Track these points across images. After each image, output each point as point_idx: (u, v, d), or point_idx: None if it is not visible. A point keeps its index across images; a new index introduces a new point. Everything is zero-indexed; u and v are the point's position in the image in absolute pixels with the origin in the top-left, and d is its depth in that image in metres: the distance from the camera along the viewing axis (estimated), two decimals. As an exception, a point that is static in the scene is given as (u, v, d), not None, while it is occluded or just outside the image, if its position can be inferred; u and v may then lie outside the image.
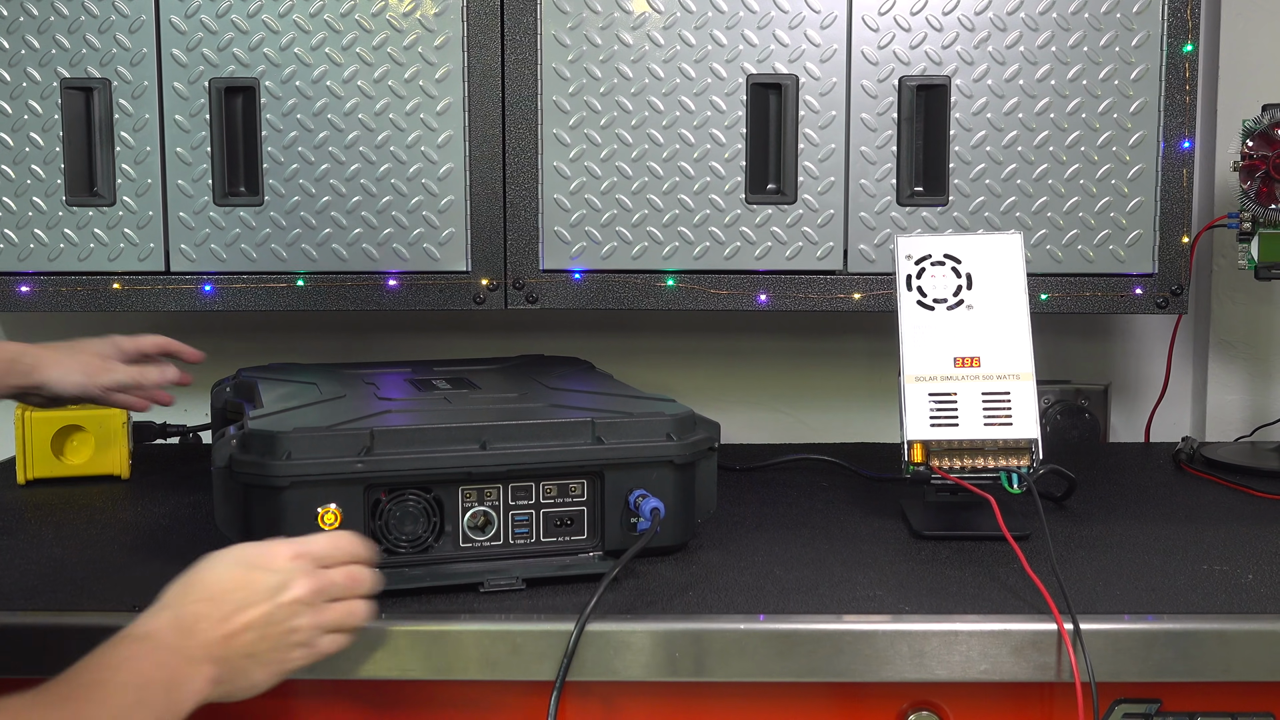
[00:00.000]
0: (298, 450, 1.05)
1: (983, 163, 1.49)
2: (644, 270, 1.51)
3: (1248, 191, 1.50)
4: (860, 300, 1.51)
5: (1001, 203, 1.49)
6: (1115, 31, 1.48)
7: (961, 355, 1.22)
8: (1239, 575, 1.13)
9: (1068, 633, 1.01)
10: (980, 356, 1.21)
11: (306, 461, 1.05)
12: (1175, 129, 1.48)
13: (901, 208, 1.50)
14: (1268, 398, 1.73)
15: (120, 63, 1.49)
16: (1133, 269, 1.50)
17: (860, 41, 1.48)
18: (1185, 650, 1.02)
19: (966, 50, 1.48)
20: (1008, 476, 1.20)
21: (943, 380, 1.20)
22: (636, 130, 1.49)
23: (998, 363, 1.21)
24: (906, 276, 1.24)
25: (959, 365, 1.21)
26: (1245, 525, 1.29)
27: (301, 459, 1.05)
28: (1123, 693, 1.06)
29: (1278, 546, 1.21)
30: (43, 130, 1.50)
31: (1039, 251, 1.50)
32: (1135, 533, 1.26)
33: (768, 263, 1.51)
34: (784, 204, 1.50)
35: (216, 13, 1.49)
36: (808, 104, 1.48)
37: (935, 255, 1.24)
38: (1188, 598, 1.07)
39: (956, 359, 1.21)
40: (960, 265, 1.24)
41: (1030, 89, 1.48)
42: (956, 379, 1.21)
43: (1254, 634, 1.02)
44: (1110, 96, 1.48)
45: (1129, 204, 1.49)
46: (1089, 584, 1.10)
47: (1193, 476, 1.50)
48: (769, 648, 1.02)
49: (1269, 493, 1.40)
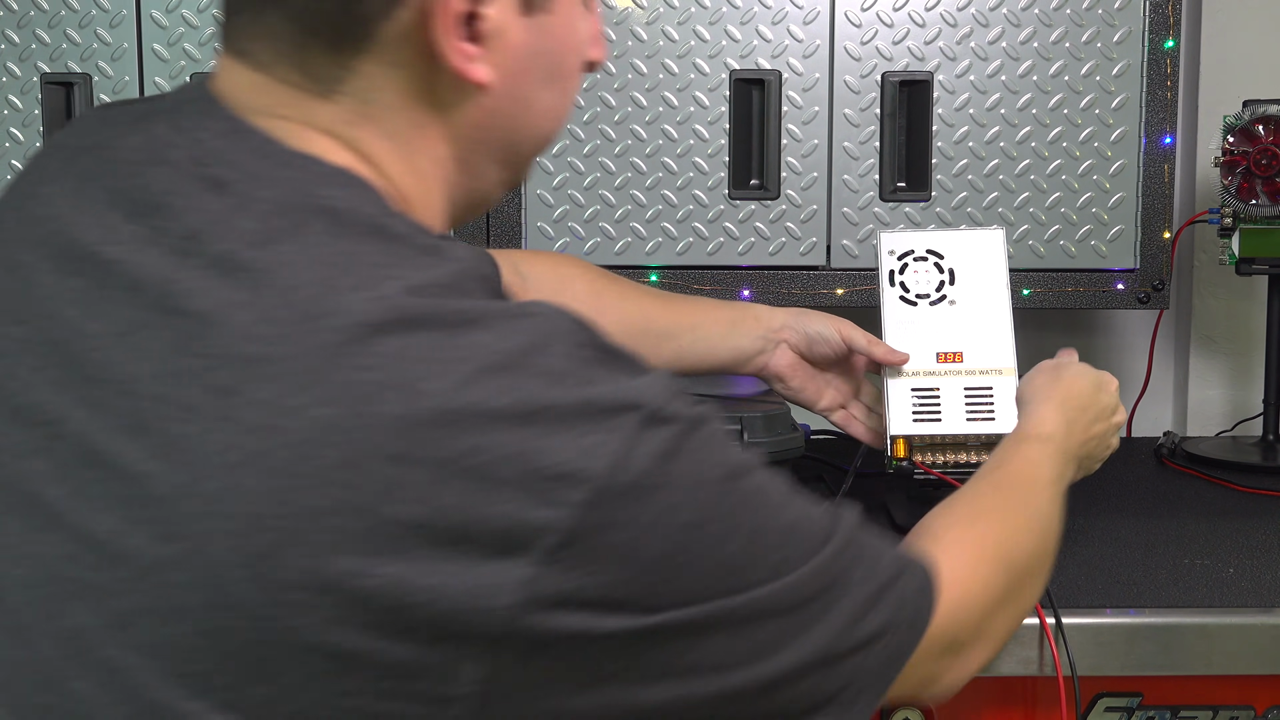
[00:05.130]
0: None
1: (965, 158, 1.49)
2: (627, 266, 1.51)
3: (1229, 187, 1.50)
4: (843, 296, 1.51)
5: (984, 198, 1.49)
6: (1097, 27, 1.48)
7: (944, 351, 1.22)
8: (1220, 569, 1.13)
9: (1050, 627, 1.01)
10: (963, 352, 1.21)
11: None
12: (1157, 125, 1.49)
13: (884, 203, 1.50)
14: (1248, 392, 1.73)
15: (101, 58, 1.49)
16: (1114, 264, 1.51)
17: (843, 37, 1.48)
18: (1167, 644, 1.02)
19: (949, 46, 1.48)
20: None
21: (925, 375, 1.20)
22: (619, 126, 1.49)
23: (980, 358, 1.21)
24: (889, 272, 1.24)
25: (941, 360, 1.21)
26: (1227, 519, 1.29)
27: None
28: (1105, 686, 1.06)
29: (1259, 540, 1.22)
30: (23, 125, 1.50)
31: (1021, 247, 1.50)
32: (1117, 527, 1.26)
33: (751, 258, 1.51)
34: (767, 199, 1.50)
35: (198, 7, 1.48)
36: (791, 99, 1.48)
37: (918, 251, 1.24)
38: (1169, 592, 1.08)
39: (939, 354, 1.22)
40: (943, 261, 1.24)
41: (1012, 85, 1.49)
42: (939, 374, 1.21)
43: (1235, 627, 1.03)
44: (1092, 92, 1.49)
45: (1110, 199, 1.50)
46: (1071, 578, 1.10)
47: (1174, 471, 1.50)
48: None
49: (1250, 487, 1.41)
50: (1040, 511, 0.95)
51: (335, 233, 0.65)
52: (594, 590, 0.62)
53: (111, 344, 0.64)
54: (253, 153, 0.68)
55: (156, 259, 0.65)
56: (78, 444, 0.64)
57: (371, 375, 0.60)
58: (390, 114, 0.71)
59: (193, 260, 0.64)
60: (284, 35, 0.69)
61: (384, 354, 0.60)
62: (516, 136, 0.76)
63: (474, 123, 0.73)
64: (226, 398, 0.61)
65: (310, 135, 0.70)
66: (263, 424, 0.60)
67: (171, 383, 0.62)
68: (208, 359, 0.62)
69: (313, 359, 0.61)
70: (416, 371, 0.60)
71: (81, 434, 0.64)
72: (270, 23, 0.69)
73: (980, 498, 0.95)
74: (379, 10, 0.68)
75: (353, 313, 0.61)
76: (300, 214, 0.65)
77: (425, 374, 0.60)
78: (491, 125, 0.74)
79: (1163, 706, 1.06)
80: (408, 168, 0.72)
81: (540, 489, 0.60)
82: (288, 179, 0.67)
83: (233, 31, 0.71)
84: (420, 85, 0.70)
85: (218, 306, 0.63)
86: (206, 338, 0.62)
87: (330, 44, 0.68)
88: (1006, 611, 0.88)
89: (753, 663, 0.68)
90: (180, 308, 0.63)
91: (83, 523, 0.63)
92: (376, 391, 0.60)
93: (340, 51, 0.69)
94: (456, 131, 0.73)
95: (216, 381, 0.61)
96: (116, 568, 0.62)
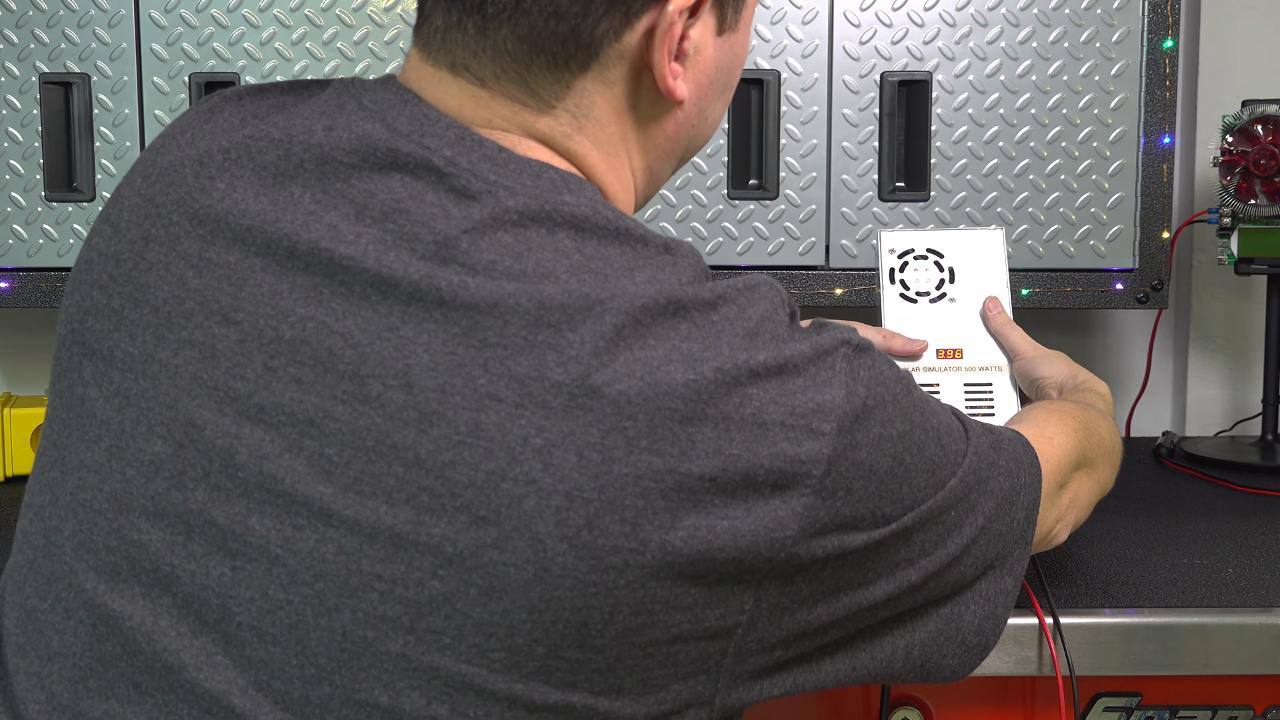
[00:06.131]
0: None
1: (964, 158, 1.49)
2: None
3: (1227, 187, 1.50)
4: (842, 295, 1.51)
5: (982, 198, 1.49)
6: (1096, 27, 1.48)
7: (944, 348, 1.22)
8: (1219, 569, 1.13)
9: (1048, 626, 1.01)
10: (963, 349, 1.22)
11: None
12: (1155, 124, 1.49)
13: (883, 203, 1.50)
14: (1247, 392, 1.73)
15: (99, 57, 1.49)
16: (1113, 264, 1.51)
17: (842, 37, 1.48)
18: (1165, 644, 1.02)
19: (948, 46, 1.48)
20: None
21: (925, 372, 1.20)
22: (618, 125, 1.49)
23: (980, 355, 1.21)
24: (889, 270, 1.24)
25: (941, 357, 1.21)
26: (1225, 519, 1.29)
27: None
28: (1103, 686, 1.06)
29: (1257, 540, 1.22)
30: (21, 125, 1.49)
31: (1020, 247, 1.50)
32: (1116, 527, 1.26)
33: (750, 258, 1.51)
34: (766, 199, 1.50)
35: (196, 7, 1.48)
36: (789, 99, 1.48)
37: (918, 249, 1.24)
38: (1168, 592, 1.08)
39: (939, 351, 1.22)
40: (943, 260, 1.24)
41: (1011, 84, 1.49)
42: (939, 370, 1.21)
43: (1234, 627, 1.03)
44: (1091, 92, 1.49)
45: (1109, 199, 1.50)
46: (1070, 578, 1.10)
47: (1173, 471, 1.50)
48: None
49: (1249, 487, 1.41)
50: (1108, 416, 1.05)
51: (582, 239, 0.69)
52: (849, 511, 0.70)
53: (368, 340, 0.66)
54: (488, 160, 0.70)
55: (408, 260, 0.67)
56: (346, 440, 0.66)
57: (656, 351, 0.66)
58: (600, 128, 0.75)
59: (452, 265, 0.67)
60: (510, 52, 0.72)
61: (662, 334, 0.67)
62: (693, 146, 0.84)
63: (667, 135, 0.79)
64: (523, 383, 0.65)
65: (531, 144, 0.73)
66: (566, 404, 0.64)
67: (455, 373, 0.65)
68: (495, 347, 0.65)
69: (605, 340, 0.65)
70: (691, 344, 0.67)
71: (351, 430, 0.66)
72: (498, 40, 0.72)
73: (1056, 405, 1.03)
74: (610, 32, 0.72)
75: (633, 297, 0.67)
76: (549, 223, 0.69)
77: (698, 344, 0.67)
78: (679, 137, 0.80)
79: (1161, 706, 1.06)
80: (615, 177, 0.78)
81: (802, 424, 0.68)
82: (527, 187, 0.70)
83: (447, 46, 0.73)
84: (628, 101, 0.76)
85: (496, 297, 0.66)
86: (489, 327, 0.65)
87: (554, 61, 0.72)
88: (1092, 470, 0.99)
89: (944, 544, 0.77)
90: (449, 300, 0.66)
91: (365, 517, 0.65)
92: (663, 364, 0.66)
93: (564, 70, 0.73)
94: (651, 144, 0.79)
95: (507, 368, 0.65)
96: (413, 558, 0.65)
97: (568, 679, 0.66)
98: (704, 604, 0.67)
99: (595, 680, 0.66)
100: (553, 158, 0.74)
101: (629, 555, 0.65)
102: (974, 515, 0.79)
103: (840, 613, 0.73)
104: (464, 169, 0.70)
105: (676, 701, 0.69)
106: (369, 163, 0.70)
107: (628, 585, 0.65)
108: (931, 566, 0.77)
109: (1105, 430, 1.02)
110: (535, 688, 0.66)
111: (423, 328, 0.66)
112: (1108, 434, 1.03)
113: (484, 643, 0.65)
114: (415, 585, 0.65)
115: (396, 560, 0.65)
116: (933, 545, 0.76)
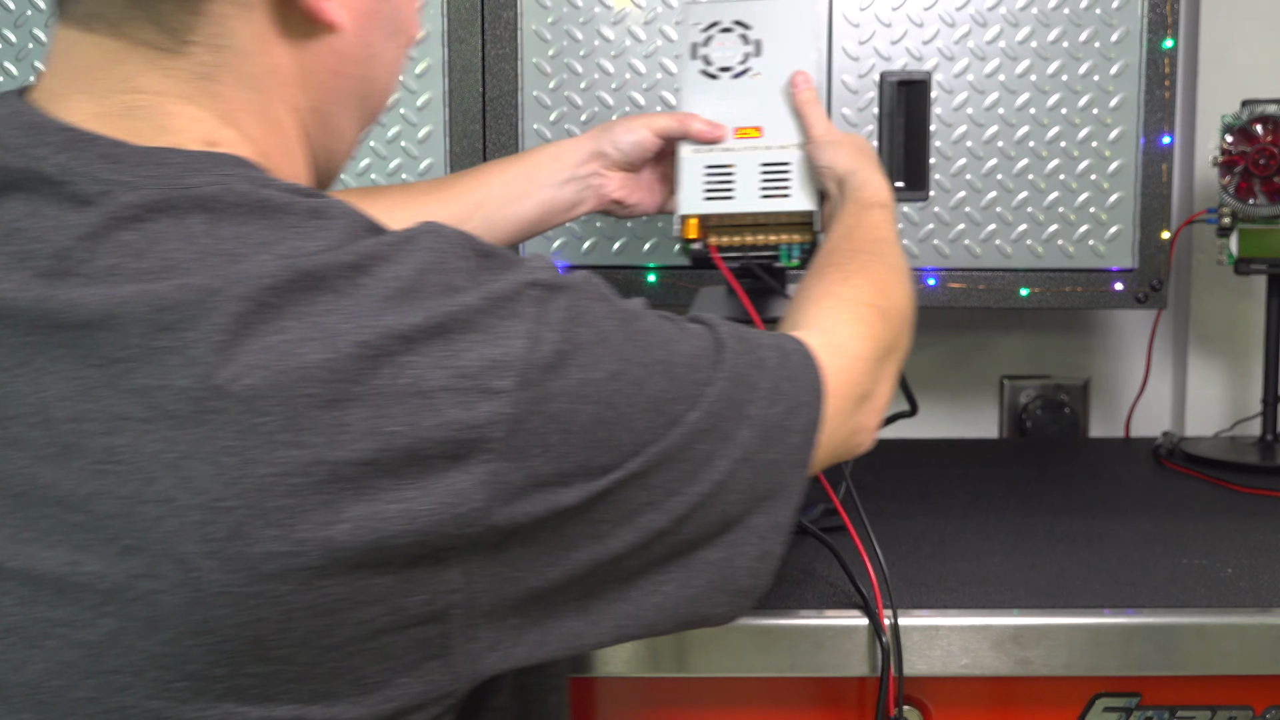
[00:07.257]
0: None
1: (963, 158, 1.49)
2: (625, 265, 1.51)
3: (1227, 187, 1.50)
4: (841, 295, 1.50)
5: (982, 198, 1.49)
6: (1095, 27, 1.48)
7: (742, 126, 1.16)
8: (1218, 569, 1.13)
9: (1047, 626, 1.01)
10: (763, 127, 1.15)
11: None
12: (1155, 124, 1.49)
13: (882, 203, 1.50)
14: (1246, 392, 1.73)
15: (98, 57, 1.48)
16: (1113, 264, 1.51)
17: (841, 37, 1.48)
18: (1165, 644, 1.02)
19: (947, 46, 1.48)
20: (787, 250, 1.15)
21: (721, 152, 1.14)
22: (618, 125, 1.49)
23: (780, 134, 1.15)
24: (692, 44, 1.18)
25: (739, 136, 1.15)
26: (1224, 519, 1.29)
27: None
28: (1102, 686, 1.06)
29: (1257, 540, 1.22)
30: (20, 125, 1.49)
31: (1019, 246, 1.50)
32: (1115, 527, 1.26)
33: (749, 258, 1.51)
34: (765, 199, 1.50)
35: (195, 7, 1.48)
36: (789, 99, 1.48)
37: (724, 21, 1.18)
38: (1167, 592, 1.08)
39: (737, 130, 1.16)
40: (750, 32, 1.18)
41: (1010, 84, 1.49)
42: (735, 150, 1.15)
43: (1233, 628, 1.03)
44: (1090, 92, 1.49)
45: (1109, 199, 1.50)
46: (1069, 578, 1.10)
47: (1172, 471, 1.50)
48: (751, 643, 1.02)
49: (1248, 487, 1.41)
50: (900, 264, 1.00)
51: (214, 220, 0.64)
52: (550, 468, 0.65)
53: (7, 379, 0.62)
54: (102, 158, 0.66)
55: (27, 282, 0.63)
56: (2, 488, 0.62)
57: (290, 333, 0.61)
58: (244, 60, 0.70)
59: (70, 279, 0.62)
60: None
61: (298, 311, 0.61)
62: (367, 88, 0.78)
63: (328, 68, 0.75)
64: (148, 395, 0.60)
65: (172, 109, 0.69)
66: (193, 410, 0.60)
67: (85, 398, 0.61)
68: (118, 362, 0.61)
69: (225, 333, 0.60)
70: (331, 318, 0.62)
71: (3, 478, 0.62)
72: None
73: (844, 263, 0.98)
74: None
75: (255, 279, 0.61)
76: (175, 211, 0.64)
77: (339, 317, 0.62)
78: (344, 72, 0.75)
79: (1161, 707, 1.06)
80: (267, 122, 0.73)
81: (472, 385, 0.63)
82: (148, 178, 0.65)
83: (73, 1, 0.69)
84: (273, 25, 0.71)
85: (110, 308, 0.61)
86: (107, 342, 0.61)
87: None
88: (895, 355, 0.94)
89: (693, 482, 0.72)
90: (66, 322, 0.62)
91: (28, 566, 0.61)
92: (296, 346, 0.61)
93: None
94: (311, 79, 0.74)
95: (132, 383, 0.60)
96: (79, 598, 0.61)
97: (263, 694, 0.62)
98: (399, 592, 0.63)
99: (296, 690, 0.62)
100: (193, 119, 0.69)
101: (287, 560, 0.60)
102: (728, 446, 0.73)
103: (577, 570, 0.69)
104: (77, 172, 0.65)
105: (411, 696, 0.65)
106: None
107: (295, 590, 0.60)
108: (679, 508, 0.71)
109: (896, 289, 0.97)
110: (232, 709, 0.61)
111: (52, 355, 0.61)
112: (899, 293, 0.97)
113: (162, 675, 0.61)
114: (86, 626, 0.61)
115: (64, 604, 0.61)
116: (679, 484, 0.71)
